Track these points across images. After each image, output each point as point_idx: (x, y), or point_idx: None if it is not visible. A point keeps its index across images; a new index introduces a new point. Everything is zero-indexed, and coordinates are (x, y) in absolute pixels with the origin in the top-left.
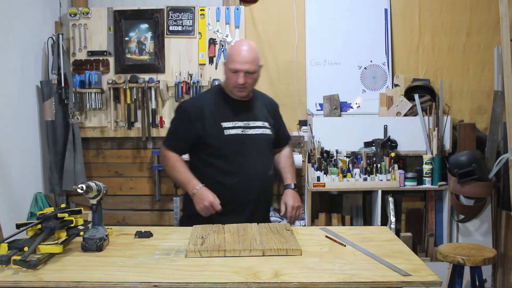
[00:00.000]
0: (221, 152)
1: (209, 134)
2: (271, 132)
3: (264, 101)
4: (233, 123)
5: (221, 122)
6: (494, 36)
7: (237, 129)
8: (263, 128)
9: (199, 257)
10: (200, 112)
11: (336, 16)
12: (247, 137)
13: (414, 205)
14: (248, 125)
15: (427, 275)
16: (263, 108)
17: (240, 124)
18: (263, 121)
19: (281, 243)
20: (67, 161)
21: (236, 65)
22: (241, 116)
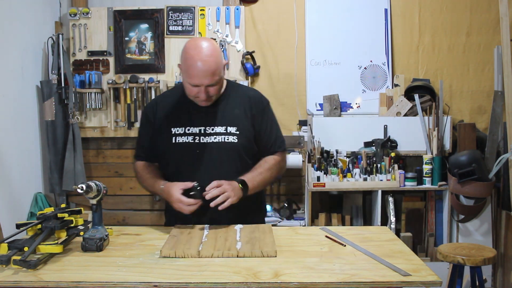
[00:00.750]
0: (171, 162)
1: (159, 141)
2: (237, 140)
3: (240, 99)
4: (185, 129)
5: (171, 127)
6: (494, 36)
7: (189, 136)
8: (225, 135)
9: (174, 257)
10: (156, 113)
11: (336, 16)
12: (199, 146)
13: (414, 205)
14: (204, 132)
15: (427, 275)
16: (234, 109)
17: (194, 130)
18: (227, 126)
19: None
20: (67, 161)
21: (194, 80)
22: (197, 120)
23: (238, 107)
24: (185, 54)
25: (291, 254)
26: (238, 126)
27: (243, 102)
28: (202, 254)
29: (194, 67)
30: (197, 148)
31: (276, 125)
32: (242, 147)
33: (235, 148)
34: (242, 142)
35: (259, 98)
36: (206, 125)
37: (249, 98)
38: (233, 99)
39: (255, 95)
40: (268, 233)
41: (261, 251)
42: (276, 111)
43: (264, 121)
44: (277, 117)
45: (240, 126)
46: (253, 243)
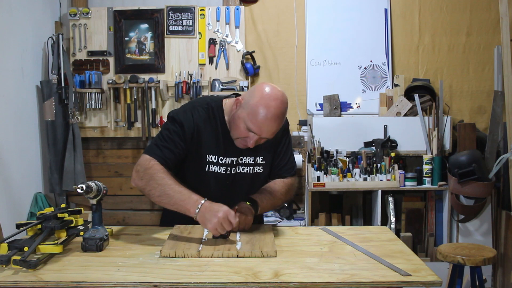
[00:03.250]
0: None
1: (190, 164)
2: (263, 170)
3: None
4: (218, 158)
5: (206, 153)
6: (494, 36)
7: (221, 167)
8: (254, 165)
9: (174, 257)
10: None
11: (336, 16)
12: (230, 177)
13: (414, 205)
14: (236, 162)
15: (427, 275)
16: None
17: (227, 160)
18: (256, 156)
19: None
20: (67, 161)
21: (255, 129)
22: (231, 151)
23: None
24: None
25: (291, 254)
26: (264, 155)
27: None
28: (202, 254)
29: (265, 118)
30: (228, 179)
31: (291, 149)
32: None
33: (261, 178)
34: (266, 172)
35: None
36: (237, 156)
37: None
38: None
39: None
40: (268, 233)
41: (261, 251)
42: None
43: (281, 144)
44: None
45: (265, 155)
46: (253, 243)
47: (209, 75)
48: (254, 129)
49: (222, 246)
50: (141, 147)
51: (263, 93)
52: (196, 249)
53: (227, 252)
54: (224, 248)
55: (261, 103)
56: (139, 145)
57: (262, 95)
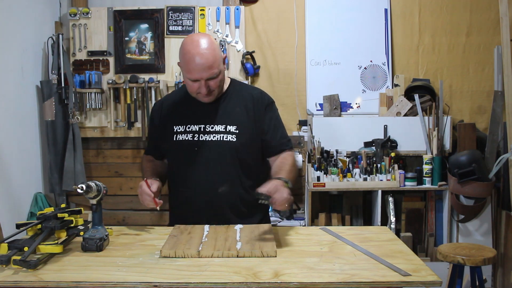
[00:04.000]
0: (172, 159)
1: (162, 139)
2: (236, 139)
3: (243, 98)
4: (185, 127)
5: (174, 125)
6: (494, 36)
7: (189, 134)
8: (224, 133)
9: (174, 257)
10: (161, 112)
11: (336, 16)
12: (198, 144)
13: (414, 205)
14: (204, 130)
15: (427, 275)
16: (236, 107)
17: (194, 128)
18: (228, 125)
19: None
20: (67, 161)
21: (193, 74)
22: (198, 118)
23: (240, 105)
24: (182, 50)
25: (291, 254)
26: (238, 125)
27: (245, 101)
28: (202, 254)
29: (191, 61)
30: (196, 146)
31: (281, 124)
32: (241, 146)
33: (234, 147)
34: (242, 141)
35: (262, 97)
36: (206, 123)
37: (252, 97)
38: (235, 97)
39: (259, 94)
40: (268, 233)
41: (261, 251)
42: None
43: (268, 119)
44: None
45: (240, 125)
46: (253, 243)
47: None
48: (191, 75)
49: (222, 246)
50: (141, 147)
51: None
52: (196, 249)
53: (227, 252)
54: (224, 248)
55: (183, 52)
56: (139, 145)
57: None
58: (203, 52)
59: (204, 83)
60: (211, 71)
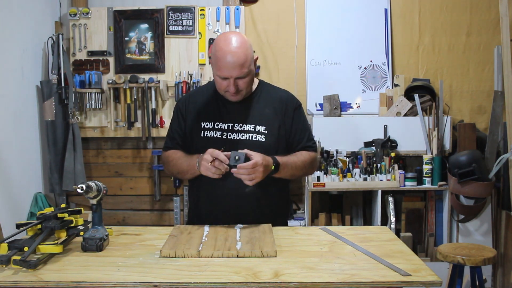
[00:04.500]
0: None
1: (190, 134)
2: (265, 139)
3: (271, 98)
4: (214, 124)
5: (202, 121)
6: (494, 36)
7: (217, 132)
8: (253, 133)
9: (174, 257)
10: (187, 107)
11: (336, 16)
12: (226, 142)
13: (414, 205)
14: (232, 128)
15: (427, 275)
16: (265, 108)
17: (223, 126)
18: (256, 125)
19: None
20: (67, 161)
21: (223, 72)
22: (227, 116)
23: (269, 106)
24: (215, 47)
25: (291, 254)
26: (267, 125)
27: (274, 102)
28: (202, 254)
29: (223, 59)
30: (224, 144)
31: (308, 127)
32: (269, 147)
33: (262, 147)
34: (270, 142)
35: (291, 99)
36: (235, 122)
37: (281, 99)
38: (264, 98)
39: (288, 96)
40: (268, 233)
41: (261, 251)
42: None
43: (296, 121)
44: None
45: (269, 126)
46: (253, 243)
47: (209, 75)
48: (220, 73)
49: (222, 246)
50: (141, 147)
51: (215, 42)
52: (196, 249)
53: (227, 252)
54: (224, 248)
55: (216, 49)
56: (139, 145)
57: (214, 44)
58: (235, 50)
59: (233, 82)
60: (241, 70)
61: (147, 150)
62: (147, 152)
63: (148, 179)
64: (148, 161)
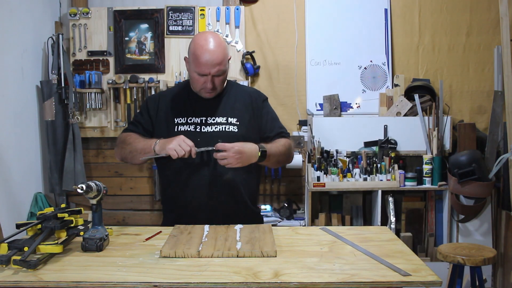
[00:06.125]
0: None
1: (159, 130)
2: (238, 130)
3: (240, 94)
4: (187, 118)
5: (174, 117)
6: (494, 36)
7: (190, 125)
8: (226, 124)
9: (174, 257)
10: (158, 104)
11: (336, 16)
12: (201, 135)
13: (414, 205)
14: (205, 122)
15: (427, 275)
16: (235, 103)
17: (196, 120)
18: (228, 117)
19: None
20: (67, 161)
21: (202, 69)
22: (199, 111)
23: (239, 101)
24: (193, 45)
25: (291, 254)
26: (239, 117)
27: (243, 98)
28: (202, 254)
29: (202, 56)
30: (199, 136)
31: (277, 117)
32: (242, 137)
33: (235, 137)
34: (242, 132)
35: (258, 93)
36: (207, 116)
37: (249, 94)
38: (233, 94)
39: (255, 91)
40: (268, 233)
41: (261, 251)
42: (276, 111)
43: (265, 112)
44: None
45: (240, 117)
46: (253, 243)
47: None
48: (199, 70)
49: (222, 246)
50: None
51: (193, 40)
52: (196, 249)
53: (227, 252)
54: (224, 248)
55: (195, 46)
56: None
57: (193, 42)
58: (214, 49)
59: (211, 79)
60: (219, 67)
61: None
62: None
63: (148, 179)
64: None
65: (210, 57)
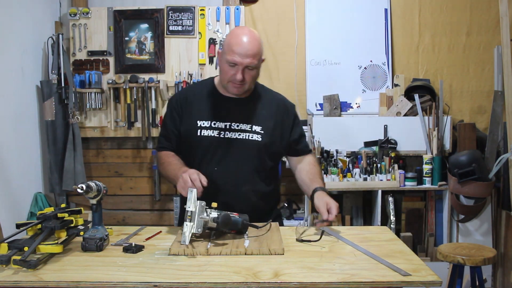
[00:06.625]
0: (195, 154)
1: (184, 132)
2: (261, 139)
3: (268, 101)
4: (211, 122)
5: (197, 120)
6: (494, 36)
7: (214, 131)
8: (251, 132)
9: (183, 254)
10: (183, 105)
11: (336, 16)
12: (223, 141)
13: (414, 205)
14: (229, 127)
15: (427, 275)
16: (262, 110)
17: (220, 125)
18: (253, 125)
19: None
20: (67, 161)
21: (235, 57)
22: (225, 115)
23: (266, 108)
24: (230, 35)
25: (291, 254)
26: (263, 125)
27: (270, 104)
28: (210, 252)
29: (238, 44)
30: (222, 143)
31: (304, 132)
32: (265, 147)
33: (258, 147)
34: (266, 142)
35: (286, 102)
36: (232, 121)
37: (277, 102)
38: (260, 100)
39: (282, 99)
40: (275, 232)
41: (269, 248)
42: None
43: (295, 130)
44: None
45: (265, 126)
46: (260, 241)
47: (209, 75)
48: (233, 58)
49: (230, 244)
50: (141, 147)
51: (230, 32)
52: (205, 246)
53: (235, 249)
54: (232, 246)
55: (231, 36)
56: (139, 145)
57: (230, 33)
58: (250, 40)
59: (242, 70)
60: (252, 60)
61: (147, 150)
62: (147, 152)
63: (148, 179)
64: (148, 161)
65: (245, 47)
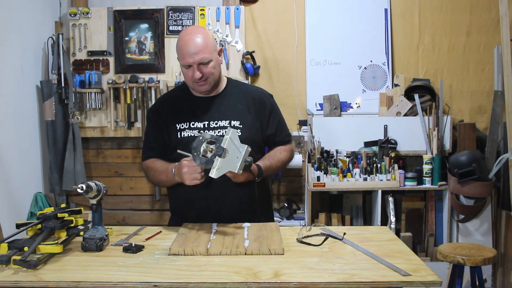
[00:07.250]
0: (179, 157)
1: (168, 138)
2: (241, 133)
3: (243, 94)
4: (189, 124)
5: (176, 123)
6: (494, 36)
7: (193, 131)
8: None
9: (183, 254)
10: (160, 114)
11: (336, 16)
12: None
13: (414, 205)
14: (208, 126)
15: (427, 275)
16: (238, 104)
17: (198, 125)
18: (232, 120)
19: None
20: (67, 161)
21: (186, 59)
22: (201, 115)
23: (241, 103)
24: (178, 39)
25: (291, 254)
26: (241, 120)
27: (246, 99)
28: (210, 252)
29: (184, 45)
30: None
31: (284, 122)
32: (246, 140)
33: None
34: (246, 136)
35: (262, 94)
36: (210, 119)
37: (252, 94)
38: (235, 95)
39: (256, 91)
40: (275, 231)
41: (269, 248)
42: None
43: (269, 116)
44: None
45: (243, 120)
46: (260, 241)
47: None
48: (184, 61)
49: (230, 244)
50: (141, 147)
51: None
52: (205, 246)
53: (235, 249)
54: (232, 245)
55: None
56: (139, 145)
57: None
58: (193, 37)
59: (197, 68)
60: (202, 55)
61: None
62: None
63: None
64: None
65: (190, 46)
